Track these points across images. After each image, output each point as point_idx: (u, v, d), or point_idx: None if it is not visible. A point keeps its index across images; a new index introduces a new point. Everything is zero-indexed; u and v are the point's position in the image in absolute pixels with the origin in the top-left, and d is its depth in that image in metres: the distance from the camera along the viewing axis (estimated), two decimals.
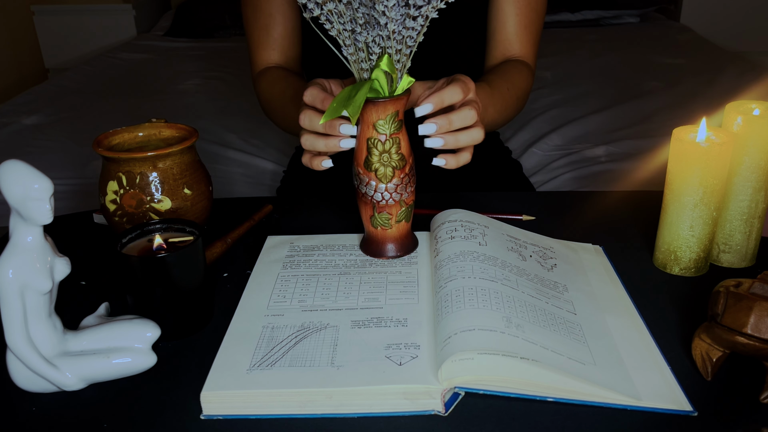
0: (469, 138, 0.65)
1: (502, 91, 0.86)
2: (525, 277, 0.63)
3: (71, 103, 1.97)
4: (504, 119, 0.90)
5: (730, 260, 0.70)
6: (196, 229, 0.62)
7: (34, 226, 0.50)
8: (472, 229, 0.68)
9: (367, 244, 0.69)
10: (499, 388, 0.51)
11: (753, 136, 0.65)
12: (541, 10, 0.96)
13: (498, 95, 0.85)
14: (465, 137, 0.64)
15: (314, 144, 0.65)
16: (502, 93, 0.86)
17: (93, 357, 0.53)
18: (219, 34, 2.78)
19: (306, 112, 0.65)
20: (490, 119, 0.84)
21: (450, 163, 0.66)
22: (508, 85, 0.88)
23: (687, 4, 2.85)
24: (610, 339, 0.57)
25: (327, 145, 0.64)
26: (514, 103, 0.91)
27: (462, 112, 0.64)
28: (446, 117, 0.63)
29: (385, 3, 0.57)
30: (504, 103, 0.87)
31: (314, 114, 0.64)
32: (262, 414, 0.51)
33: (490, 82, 0.85)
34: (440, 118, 0.63)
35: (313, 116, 0.64)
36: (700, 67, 2.13)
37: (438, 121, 0.63)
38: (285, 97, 0.89)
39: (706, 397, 0.51)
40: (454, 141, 0.64)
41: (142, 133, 0.76)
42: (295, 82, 0.90)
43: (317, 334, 0.57)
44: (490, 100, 0.82)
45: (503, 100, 0.86)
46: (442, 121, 0.63)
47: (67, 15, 2.90)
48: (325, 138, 0.64)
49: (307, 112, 0.65)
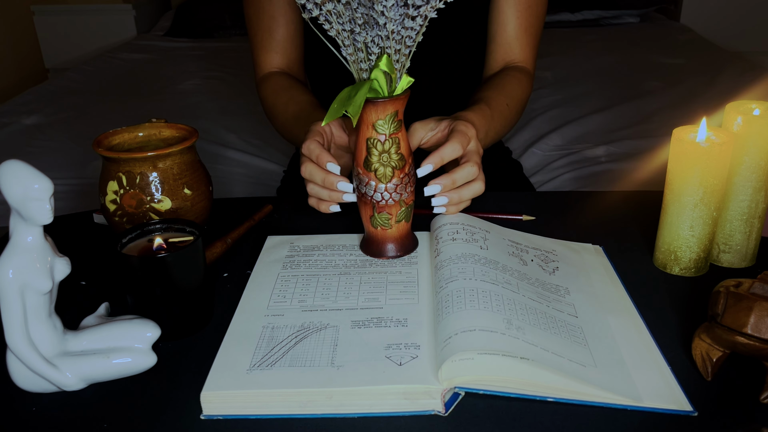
0: (471, 193, 0.69)
1: (501, 108, 0.87)
2: (526, 281, 0.63)
3: (71, 103, 1.97)
4: (503, 134, 0.92)
5: (730, 260, 0.70)
6: (196, 229, 0.62)
7: (34, 226, 0.50)
8: (474, 233, 0.68)
9: (367, 244, 0.69)
10: (499, 388, 0.51)
11: (753, 136, 0.65)
12: (542, 13, 0.96)
13: (498, 115, 0.85)
14: (468, 192, 0.69)
15: (319, 194, 0.68)
16: (502, 111, 0.87)
17: (93, 357, 0.53)
18: (219, 34, 2.78)
19: (306, 164, 0.68)
20: (490, 141, 0.86)
21: (450, 210, 0.70)
22: (507, 101, 0.89)
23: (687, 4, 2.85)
24: (611, 340, 0.57)
25: (331, 196, 0.68)
26: (514, 117, 0.92)
27: (464, 169, 0.67)
28: (449, 177, 0.67)
29: (384, 3, 0.57)
30: (503, 121, 0.88)
31: (315, 168, 0.67)
32: (262, 414, 0.51)
33: (489, 101, 0.85)
34: (444, 178, 0.67)
35: (313, 170, 0.67)
36: (700, 67, 2.13)
37: (441, 181, 0.67)
38: (287, 113, 0.90)
39: (706, 397, 0.51)
40: (458, 197, 0.68)
41: (142, 133, 0.76)
42: (297, 97, 0.91)
43: (317, 334, 0.57)
44: (490, 124, 0.83)
45: (503, 118, 0.87)
46: (445, 180, 0.67)
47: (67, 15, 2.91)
48: (328, 190, 0.67)
49: (307, 165, 0.68)
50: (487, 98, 0.86)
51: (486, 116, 0.81)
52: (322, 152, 0.67)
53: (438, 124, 0.73)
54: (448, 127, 0.71)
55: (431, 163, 0.67)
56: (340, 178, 0.66)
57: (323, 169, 0.67)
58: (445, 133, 0.72)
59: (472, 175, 0.68)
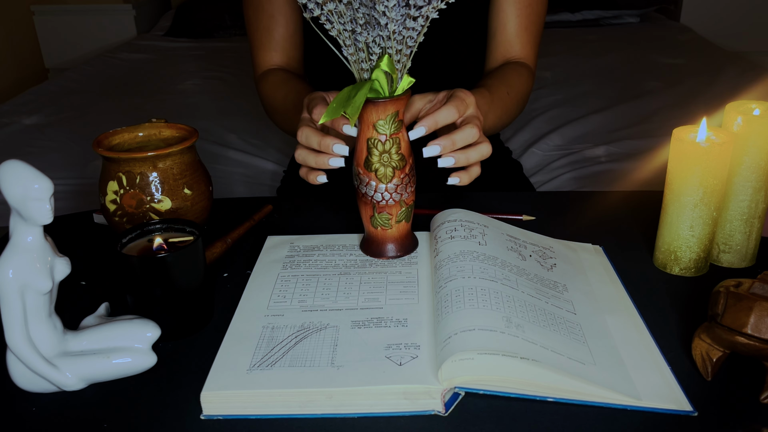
0: (478, 154, 0.66)
1: (501, 95, 0.86)
2: (525, 276, 0.63)
3: (71, 103, 1.97)
4: (504, 123, 0.91)
5: (730, 260, 0.70)
6: (196, 229, 0.62)
7: (34, 226, 0.50)
8: (472, 229, 0.68)
9: (367, 244, 0.69)
10: (499, 388, 0.51)
11: (753, 136, 0.65)
12: (542, 11, 0.96)
13: (498, 100, 0.85)
14: (475, 153, 0.66)
15: (306, 159, 0.66)
16: (502, 98, 0.86)
17: (93, 357, 0.53)
18: (219, 34, 2.78)
19: (303, 128, 0.66)
20: (490, 125, 0.84)
21: (463, 179, 0.67)
22: (507, 89, 0.88)
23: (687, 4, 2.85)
24: (610, 339, 0.57)
25: (317, 162, 0.65)
26: (514, 107, 0.91)
27: (464, 130, 0.65)
28: (449, 137, 0.64)
29: (386, 3, 0.57)
30: (504, 108, 0.87)
31: (312, 131, 0.65)
32: (262, 414, 0.51)
33: (490, 87, 0.85)
34: (443, 139, 0.64)
35: (310, 134, 0.65)
36: (700, 67, 2.13)
37: (441, 142, 0.64)
38: (287, 102, 0.90)
39: (706, 397, 0.51)
40: (465, 158, 0.65)
41: (142, 133, 0.76)
42: (296, 87, 0.91)
43: (317, 334, 0.57)
44: (489, 107, 0.82)
45: (503, 104, 0.87)
46: (444, 141, 0.64)
47: (67, 15, 2.91)
48: (317, 155, 0.65)
49: (304, 129, 0.66)
50: (488, 85, 0.86)
51: (485, 98, 0.81)
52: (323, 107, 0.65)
53: (436, 95, 0.72)
54: (446, 96, 0.70)
55: (424, 125, 0.64)
56: (336, 141, 0.64)
57: (320, 132, 0.65)
58: (443, 102, 0.71)
59: (472, 136, 0.65)
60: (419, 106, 0.72)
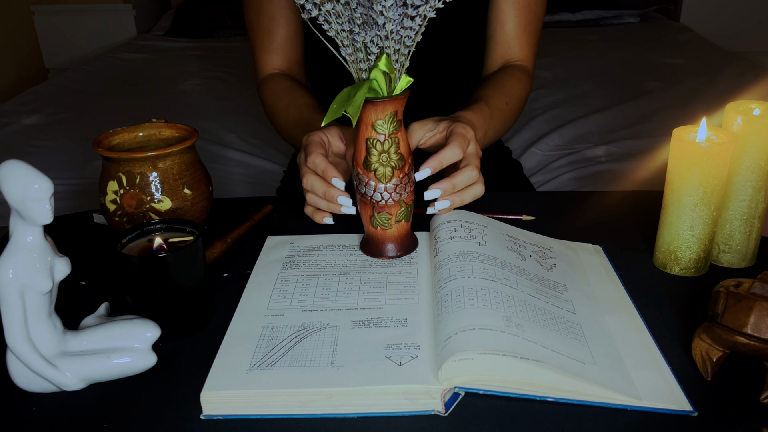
0: (471, 196, 0.69)
1: (500, 107, 0.87)
2: (524, 276, 0.63)
3: (71, 103, 1.97)
4: (502, 134, 0.92)
5: (730, 260, 0.70)
6: (196, 229, 0.62)
7: (34, 226, 0.50)
8: (472, 229, 0.68)
9: (367, 244, 0.69)
10: (499, 388, 0.51)
11: (753, 136, 0.65)
12: (541, 11, 0.96)
13: (497, 114, 0.86)
14: (469, 195, 0.69)
15: (317, 203, 0.69)
16: (501, 109, 0.87)
17: (93, 357, 0.53)
18: (219, 34, 2.78)
19: (308, 176, 0.68)
20: (489, 140, 0.86)
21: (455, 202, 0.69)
22: (506, 99, 0.89)
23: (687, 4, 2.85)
24: (609, 339, 0.57)
25: (329, 207, 0.68)
26: (513, 116, 0.92)
27: (465, 173, 0.68)
28: (450, 181, 0.67)
29: (383, 3, 0.57)
30: (503, 120, 0.88)
31: (317, 180, 0.68)
32: (262, 414, 0.51)
33: (488, 99, 0.85)
34: (444, 182, 0.67)
35: (315, 182, 0.68)
36: (700, 67, 2.13)
37: (442, 185, 0.67)
38: (288, 116, 0.91)
39: (706, 397, 0.51)
40: (460, 200, 0.69)
41: (142, 133, 0.76)
42: (297, 99, 0.91)
43: (317, 334, 0.57)
44: (489, 123, 0.83)
45: (502, 116, 0.87)
46: (445, 185, 0.67)
47: (67, 15, 2.90)
48: (327, 202, 0.68)
49: (309, 177, 0.68)
50: (486, 97, 0.86)
51: (485, 116, 0.81)
52: (328, 167, 0.67)
53: (437, 125, 0.73)
54: (447, 129, 0.71)
55: (430, 167, 0.67)
56: (341, 192, 0.66)
57: (325, 181, 0.67)
58: (444, 135, 0.72)
59: (472, 179, 0.68)
60: (419, 135, 0.73)
